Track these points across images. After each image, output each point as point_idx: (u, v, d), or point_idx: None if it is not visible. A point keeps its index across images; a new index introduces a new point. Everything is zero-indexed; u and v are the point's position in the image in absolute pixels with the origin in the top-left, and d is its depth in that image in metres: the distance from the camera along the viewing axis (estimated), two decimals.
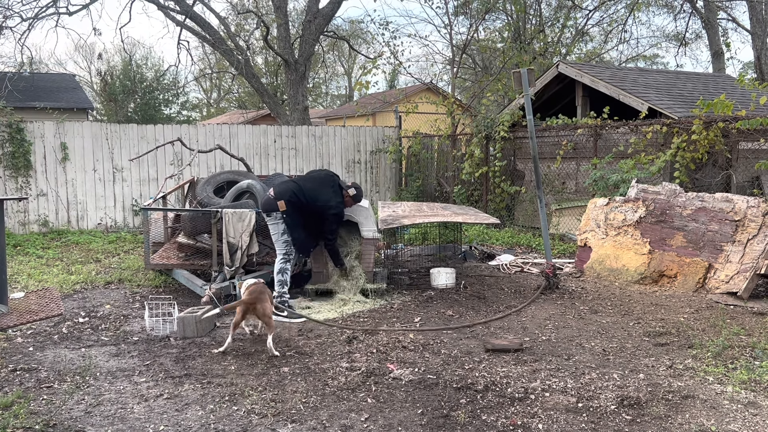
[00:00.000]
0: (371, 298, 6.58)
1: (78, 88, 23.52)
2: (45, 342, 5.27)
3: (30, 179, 11.30)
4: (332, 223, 6.26)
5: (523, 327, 5.61)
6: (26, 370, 4.55)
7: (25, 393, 4.11)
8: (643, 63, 28.29)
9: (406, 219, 7.09)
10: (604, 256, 7.65)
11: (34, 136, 11.30)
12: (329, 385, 4.24)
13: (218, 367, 4.60)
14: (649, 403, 3.87)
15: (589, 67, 12.25)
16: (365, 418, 3.73)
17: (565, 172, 10.63)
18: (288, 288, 6.17)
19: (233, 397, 4.04)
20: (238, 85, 30.83)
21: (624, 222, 7.58)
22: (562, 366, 4.56)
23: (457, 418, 3.71)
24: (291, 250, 6.19)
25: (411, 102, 15.12)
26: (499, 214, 11.36)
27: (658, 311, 6.05)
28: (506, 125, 11.23)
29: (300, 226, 6.17)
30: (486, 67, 21.11)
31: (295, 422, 3.68)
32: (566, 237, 9.94)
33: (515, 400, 3.97)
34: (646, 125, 9.19)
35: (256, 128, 13.42)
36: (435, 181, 13.79)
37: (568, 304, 6.36)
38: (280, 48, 16.18)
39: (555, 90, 12.60)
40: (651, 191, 7.58)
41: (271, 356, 4.84)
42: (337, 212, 6.23)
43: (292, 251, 6.21)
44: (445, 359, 4.75)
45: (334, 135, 14.12)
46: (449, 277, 7.17)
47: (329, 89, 43.66)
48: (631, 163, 8.89)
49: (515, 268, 8.20)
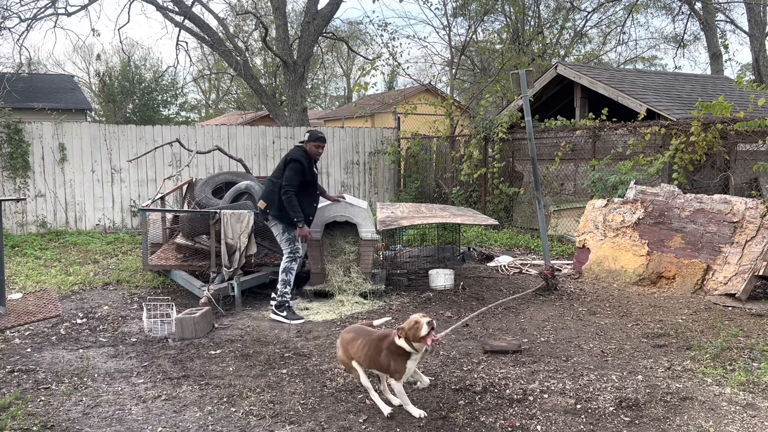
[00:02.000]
0: (370, 299, 6.58)
1: (76, 88, 23.48)
2: (43, 343, 5.26)
3: (28, 180, 11.28)
4: (290, 170, 5.97)
5: (522, 328, 5.61)
6: (24, 372, 4.54)
7: (23, 394, 4.10)
8: (641, 65, 28.34)
9: (404, 220, 7.08)
10: (603, 258, 7.65)
11: (33, 137, 11.29)
12: (327, 387, 4.23)
13: (216, 369, 4.59)
14: (648, 405, 3.87)
15: (588, 69, 12.27)
16: (363, 419, 3.73)
17: (563, 173, 10.64)
18: (290, 288, 6.15)
19: (231, 398, 4.04)
20: (236, 86, 30.82)
21: (622, 223, 7.59)
22: (561, 367, 4.56)
23: (455, 420, 3.70)
24: (295, 247, 6.15)
25: (410, 103, 15.13)
26: (498, 215, 11.37)
27: (656, 313, 6.05)
28: (505, 126, 11.24)
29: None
30: (484, 69, 21.14)
31: (293, 424, 3.67)
32: (565, 238, 9.94)
33: (514, 402, 3.96)
34: (645, 127, 9.20)
35: (254, 129, 13.42)
36: (434, 182, 13.80)
37: (566, 306, 6.36)
38: (278, 49, 16.18)
39: (554, 91, 12.62)
40: (649, 193, 7.58)
41: (269, 358, 4.83)
42: (294, 159, 6.02)
43: (297, 248, 6.16)
44: (444, 360, 4.75)
45: (333, 136, 14.11)
46: (448, 279, 7.17)
47: (328, 90, 43.70)
48: (630, 164, 8.90)
49: (514, 270, 8.20)
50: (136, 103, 28.50)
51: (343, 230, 7.02)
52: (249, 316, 6.15)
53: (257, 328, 5.71)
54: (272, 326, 5.76)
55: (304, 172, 6.00)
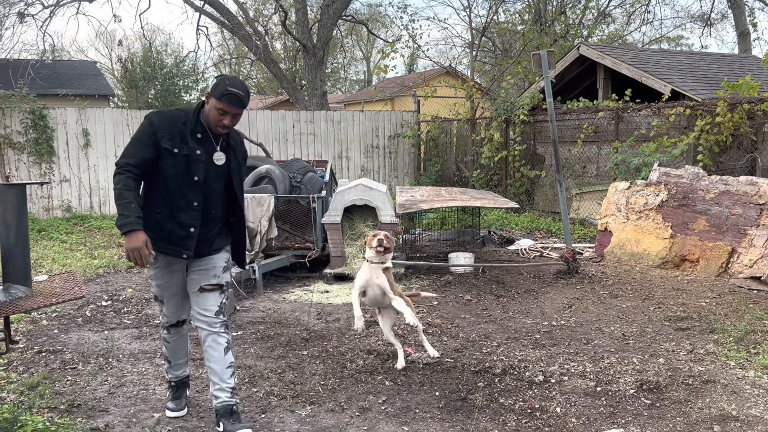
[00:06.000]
0: None
1: (99, 74, 23.73)
2: (69, 325, 5.38)
3: (53, 165, 11.45)
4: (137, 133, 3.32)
5: (542, 311, 5.59)
6: (51, 352, 4.64)
7: (50, 374, 4.20)
8: (666, 45, 27.72)
9: (424, 203, 7.07)
10: (625, 241, 7.57)
11: (57, 123, 11.44)
12: (347, 368, 4.26)
13: (238, 350, 4.65)
14: (669, 388, 3.84)
15: (611, 49, 12.05)
16: (383, 400, 3.75)
17: (585, 155, 10.51)
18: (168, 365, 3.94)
19: (253, 379, 4.09)
20: (256, 71, 30.87)
21: (645, 206, 7.49)
22: (581, 350, 4.54)
23: (474, 401, 3.72)
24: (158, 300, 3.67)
25: (430, 86, 15.03)
26: (519, 198, 11.28)
27: (679, 296, 5.98)
28: (526, 108, 11.11)
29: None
30: (506, 50, 20.85)
31: (313, 404, 3.71)
32: (587, 222, 9.85)
33: (533, 384, 3.96)
34: (669, 108, 9.03)
35: (274, 114, 13.45)
36: (454, 165, 13.72)
37: (587, 289, 6.32)
38: (298, 33, 16.14)
39: (576, 72, 12.42)
40: (673, 175, 7.46)
41: (290, 340, 4.88)
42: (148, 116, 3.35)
43: (160, 302, 3.64)
44: (463, 343, 4.75)
45: (353, 120, 14.09)
46: (467, 262, 7.15)
47: (348, 74, 43.53)
48: (654, 146, 8.76)
49: (534, 253, 8.15)
50: (157, 89, 28.67)
51: (363, 214, 7.03)
52: (270, 298, 6.21)
53: (278, 310, 5.76)
54: (293, 309, 5.81)
55: (173, 143, 3.20)
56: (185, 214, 3.27)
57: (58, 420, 3.42)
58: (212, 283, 3.36)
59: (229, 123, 3.24)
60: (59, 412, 3.59)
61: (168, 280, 3.44)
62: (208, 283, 3.35)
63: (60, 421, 3.40)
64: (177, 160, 3.21)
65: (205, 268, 3.38)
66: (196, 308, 3.39)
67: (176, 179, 3.22)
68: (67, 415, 3.55)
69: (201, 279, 3.36)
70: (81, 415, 3.56)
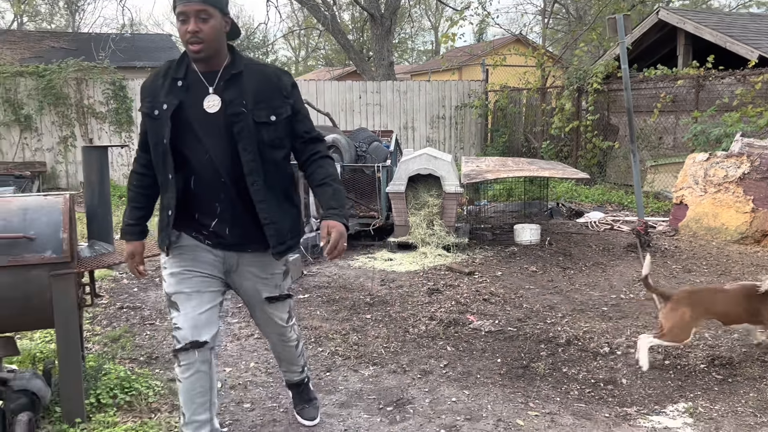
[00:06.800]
0: (452, 252, 6.59)
1: (174, 47, 24.41)
2: (147, 284, 5.67)
3: (132, 134, 11.96)
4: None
5: (611, 285, 5.46)
6: (131, 308, 4.93)
7: (131, 328, 4.46)
8: (756, 9, 25.95)
9: (489, 174, 6.99)
10: (702, 215, 7.25)
11: (135, 93, 11.91)
12: (410, 333, 4.33)
13: (305, 312, 4.79)
14: (742, 364, 3.70)
15: (693, 13, 11.42)
16: (444, 364, 3.80)
17: (662, 126, 10.07)
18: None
19: (318, 339, 4.22)
20: (324, 42, 31.03)
21: (725, 178, 7.13)
22: (650, 324, 4.42)
23: (536, 369, 3.70)
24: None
25: (499, 54, 14.69)
26: (590, 170, 10.94)
27: (759, 272, 5.70)
28: (600, 77, 10.72)
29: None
30: (580, 17, 20.10)
31: (376, 365, 3.80)
32: (661, 195, 9.48)
33: (598, 355, 3.90)
34: (756, 75, 8.51)
35: (341, 84, 13.53)
36: (522, 136, 13.44)
37: (659, 263, 6.12)
38: (366, 2, 16.08)
39: (654, 39, 11.85)
40: (757, 146, 7.06)
41: (354, 304, 4.98)
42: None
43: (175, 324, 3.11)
44: (527, 313, 4.72)
45: (419, 90, 14.00)
46: (534, 234, 7.05)
47: (415, 45, 43.06)
48: (737, 116, 8.29)
49: (604, 226, 7.94)
50: None
51: (427, 183, 7.02)
52: (335, 264, 6.33)
53: (343, 276, 5.88)
54: (357, 275, 5.91)
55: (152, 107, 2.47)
56: (201, 188, 2.49)
57: (138, 370, 3.65)
58: (275, 295, 2.76)
59: (194, 27, 2.33)
60: (139, 363, 3.82)
61: (190, 268, 2.56)
62: (271, 295, 2.75)
63: (140, 371, 3.63)
64: (158, 124, 2.42)
65: (261, 276, 2.68)
66: (262, 317, 2.83)
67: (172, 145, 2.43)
68: (146, 365, 3.78)
69: (260, 287, 2.70)
70: (159, 366, 3.78)
